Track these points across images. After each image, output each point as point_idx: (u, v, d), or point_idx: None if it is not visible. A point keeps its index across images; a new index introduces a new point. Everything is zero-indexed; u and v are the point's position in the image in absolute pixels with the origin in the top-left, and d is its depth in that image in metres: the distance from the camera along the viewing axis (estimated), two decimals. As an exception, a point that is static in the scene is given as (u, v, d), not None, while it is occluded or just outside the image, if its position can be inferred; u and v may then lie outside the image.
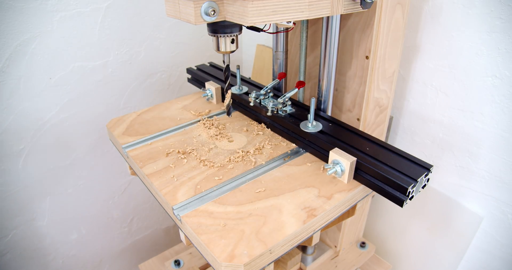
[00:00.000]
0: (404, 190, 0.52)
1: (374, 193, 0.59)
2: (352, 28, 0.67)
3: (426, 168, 0.55)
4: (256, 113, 0.77)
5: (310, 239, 0.57)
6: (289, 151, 0.68)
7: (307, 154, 0.67)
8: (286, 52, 0.78)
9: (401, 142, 0.95)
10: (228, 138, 0.72)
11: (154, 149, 0.69)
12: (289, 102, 0.73)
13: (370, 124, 0.76)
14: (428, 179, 0.56)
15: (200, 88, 0.91)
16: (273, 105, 0.71)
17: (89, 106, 1.01)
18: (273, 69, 0.81)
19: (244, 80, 0.88)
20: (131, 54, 1.01)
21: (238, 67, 0.81)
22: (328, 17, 0.62)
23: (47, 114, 0.94)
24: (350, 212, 0.62)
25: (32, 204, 1.01)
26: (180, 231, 0.57)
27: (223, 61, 0.62)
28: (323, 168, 0.62)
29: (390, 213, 1.04)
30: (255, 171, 0.62)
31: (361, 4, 0.55)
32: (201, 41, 1.16)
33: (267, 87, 0.75)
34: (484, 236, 0.85)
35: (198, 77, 0.94)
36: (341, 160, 0.58)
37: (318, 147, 0.64)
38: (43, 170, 1.00)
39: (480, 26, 0.70)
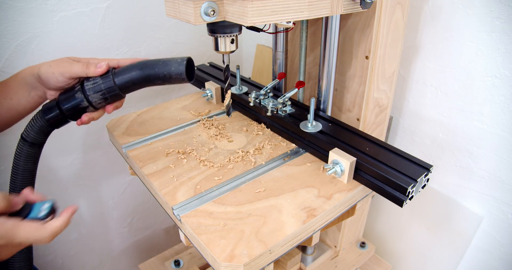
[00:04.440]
0: (404, 190, 0.52)
1: (374, 193, 0.59)
2: (352, 28, 0.67)
3: (426, 168, 0.55)
4: (256, 113, 0.77)
5: (310, 239, 0.57)
6: (289, 151, 0.68)
7: (307, 154, 0.67)
8: (286, 52, 0.78)
9: (401, 142, 0.95)
10: (228, 138, 0.72)
11: (154, 149, 0.69)
12: (289, 102, 0.73)
13: (370, 124, 0.76)
14: (428, 179, 0.56)
15: (200, 88, 0.91)
16: (273, 105, 0.71)
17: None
18: (273, 69, 0.81)
19: (244, 80, 0.88)
20: (131, 54, 1.01)
21: (238, 67, 0.81)
22: (327, 17, 0.62)
23: (47, 114, 0.94)
24: (350, 212, 0.62)
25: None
26: (180, 231, 0.57)
27: (223, 61, 0.62)
28: (323, 168, 0.62)
29: (390, 213, 1.04)
30: (255, 171, 0.62)
31: (361, 4, 0.55)
32: (201, 41, 1.16)
33: (267, 87, 0.75)
34: (484, 236, 0.85)
35: (198, 77, 0.94)
36: (341, 160, 0.58)
37: (318, 147, 0.64)
38: (43, 170, 1.00)
39: (480, 26, 0.70)
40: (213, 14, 0.48)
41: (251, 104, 0.76)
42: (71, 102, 0.57)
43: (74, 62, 0.58)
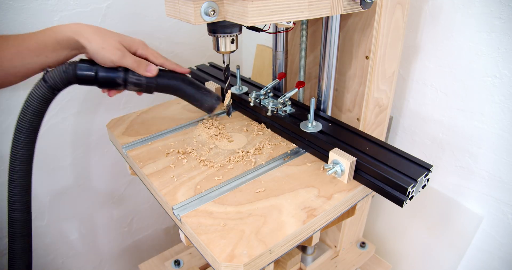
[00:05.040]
0: (404, 190, 0.52)
1: (374, 193, 0.59)
2: (352, 28, 0.67)
3: (426, 168, 0.55)
4: (256, 113, 0.77)
5: (310, 239, 0.57)
6: (289, 151, 0.68)
7: (307, 154, 0.67)
8: (286, 52, 0.78)
9: (401, 142, 0.95)
10: (228, 138, 0.72)
11: (154, 149, 0.69)
12: (289, 102, 0.73)
13: (370, 124, 0.76)
14: (428, 179, 0.56)
15: (200, 88, 0.91)
16: (273, 105, 0.71)
17: (89, 106, 1.00)
18: (273, 69, 0.81)
19: (244, 80, 0.88)
20: (131, 54, 1.01)
21: (238, 67, 0.81)
22: (328, 17, 0.62)
23: (47, 114, 0.93)
24: (350, 212, 0.62)
25: (32, 204, 1.01)
26: (180, 231, 0.57)
27: (223, 61, 0.63)
28: (323, 168, 0.62)
29: (390, 213, 1.04)
30: (255, 171, 0.62)
31: (361, 4, 0.55)
32: (201, 41, 1.16)
33: (267, 87, 0.75)
34: (484, 236, 0.85)
35: (198, 77, 0.94)
36: (341, 160, 0.58)
37: (318, 147, 0.64)
38: (43, 170, 1.00)
39: (480, 26, 0.70)
40: (213, 14, 0.48)
41: (251, 104, 0.76)
42: (109, 78, 0.62)
43: (126, 53, 0.60)
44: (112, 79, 0.62)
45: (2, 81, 0.60)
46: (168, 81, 0.66)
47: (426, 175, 0.55)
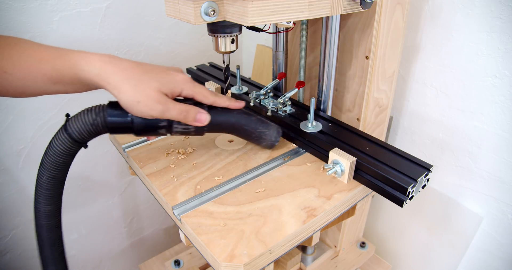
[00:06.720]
0: (404, 190, 0.52)
1: (374, 193, 0.59)
2: (352, 28, 0.67)
3: (426, 168, 0.55)
4: (256, 113, 0.77)
5: (310, 239, 0.57)
6: (289, 151, 0.68)
7: (307, 154, 0.67)
8: (286, 52, 0.78)
9: (401, 142, 0.95)
10: (228, 138, 0.72)
11: (154, 149, 0.69)
12: (289, 102, 0.73)
13: (370, 124, 0.76)
14: (428, 179, 0.56)
15: (200, 88, 0.91)
16: (273, 105, 0.71)
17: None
18: (273, 69, 0.81)
19: (244, 80, 0.88)
20: (131, 54, 1.01)
21: (238, 67, 0.81)
22: (328, 17, 0.62)
23: (47, 114, 0.94)
24: (350, 212, 0.62)
25: (32, 204, 1.01)
26: (180, 231, 0.57)
27: (223, 61, 0.63)
28: (323, 168, 0.62)
29: (390, 213, 1.04)
30: (255, 171, 0.62)
31: (361, 4, 0.55)
32: (201, 41, 1.16)
33: (267, 87, 0.75)
34: (484, 236, 0.85)
35: (198, 77, 0.94)
36: (341, 160, 0.58)
37: (318, 147, 0.64)
38: (43, 170, 1.00)
39: (480, 26, 0.70)
40: (213, 14, 0.48)
41: (251, 104, 0.76)
42: (149, 128, 0.52)
43: (168, 104, 0.49)
44: (152, 129, 0.52)
45: (12, 94, 0.53)
46: (221, 123, 0.57)
47: (426, 175, 0.55)
